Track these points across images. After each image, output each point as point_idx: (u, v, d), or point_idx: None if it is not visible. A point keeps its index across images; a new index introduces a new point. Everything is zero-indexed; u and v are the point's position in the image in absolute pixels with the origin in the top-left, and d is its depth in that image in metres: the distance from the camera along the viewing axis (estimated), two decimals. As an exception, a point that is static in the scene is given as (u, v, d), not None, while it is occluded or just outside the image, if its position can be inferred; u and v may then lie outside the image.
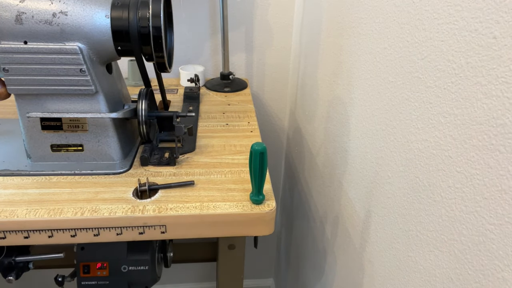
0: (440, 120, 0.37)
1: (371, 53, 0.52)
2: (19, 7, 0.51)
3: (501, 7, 0.28)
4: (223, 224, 0.54)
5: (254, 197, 0.54)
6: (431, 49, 0.38)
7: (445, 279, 0.37)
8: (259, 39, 1.02)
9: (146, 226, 0.52)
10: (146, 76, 0.63)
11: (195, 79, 0.87)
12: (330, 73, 0.71)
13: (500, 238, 0.30)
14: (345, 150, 0.64)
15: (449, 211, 0.36)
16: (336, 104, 0.68)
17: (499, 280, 0.30)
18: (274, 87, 1.11)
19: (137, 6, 0.54)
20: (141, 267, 0.62)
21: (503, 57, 0.28)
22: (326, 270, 0.78)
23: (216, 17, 0.98)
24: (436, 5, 0.37)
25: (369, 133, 0.54)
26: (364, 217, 0.57)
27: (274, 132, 1.20)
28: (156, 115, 0.65)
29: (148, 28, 0.54)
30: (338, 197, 0.69)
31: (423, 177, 0.40)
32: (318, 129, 0.81)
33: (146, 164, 0.62)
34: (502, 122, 0.29)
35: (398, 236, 0.46)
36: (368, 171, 0.55)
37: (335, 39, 0.67)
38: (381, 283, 0.52)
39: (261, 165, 0.49)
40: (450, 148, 0.35)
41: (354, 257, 0.61)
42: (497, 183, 0.30)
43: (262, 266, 1.53)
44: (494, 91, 0.30)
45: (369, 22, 0.52)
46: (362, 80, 0.55)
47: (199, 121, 0.79)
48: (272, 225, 0.55)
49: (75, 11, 0.52)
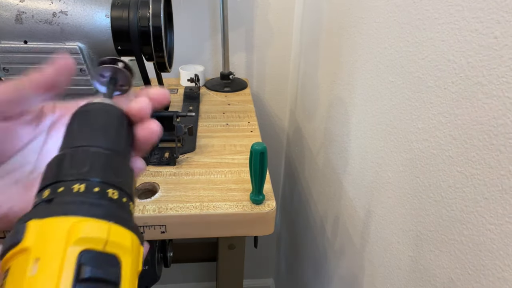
0: (440, 120, 0.37)
1: (371, 53, 0.52)
2: (19, 6, 0.51)
3: (502, 7, 0.28)
4: (223, 224, 0.54)
5: (254, 197, 0.54)
6: (432, 49, 0.38)
7: (446, 279, 0.37)
8: (259, 39, 1.02)
9: (146, 226, 0.52)
10: (146, 76, 0.63)
11: (195, 79, 0.87)
12: (330, 73, 0.71)
13: (500, 238, 0.30)
14: (345, 150, 0.64)
15: (449, 211, 0.36)
16: (336, 104, 0.68)
17: (500, 280, 0.30)
18: (274, 87, 1.11)
19: (137, 5, 0.54)
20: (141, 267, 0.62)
21: (504, 57, 0.28)
22: (326, 270, 0.78)
23: (216, 17, 0.98)
24: (437, 5, 0.37)
25: (369, 133, 0.54)
26: (364, 217, 0.57)
27: (274, 132, 1.20)
28: (156, 115, 0.65)
29: (148, 27, 0.54)
30: (338, 197, 0.69)
31: (423, 177, 0.40)
32: (318, 129, 0.81)
33: (146, 164, 0.62)
34: (503, 122, 0.29)
35: (398, 236, 0.46)
36: (368, 171, 0.55)
37: (335, 39, 0.67)
38: (381, 283, 0.52)
39: (261, 165, 0.49)
40: (450, 148, 0.35)
41: (354, 257, 0.61)
42: (497, 183, 0.30)
43: (262, 266, 1.53)
44: (494, 91, 0.30)
45: (369, 22, 0.52)
46: (362, 80, 0.55)
47: (199, 121, 0.78)
48: (272, 225, 0.55)
49: (75, 11, 0.52)
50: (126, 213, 0.20)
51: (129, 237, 0.18)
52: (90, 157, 0.20)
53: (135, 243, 0.19)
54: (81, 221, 0.17)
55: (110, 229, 0.18)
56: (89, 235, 0.17)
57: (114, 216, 0.18)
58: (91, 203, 0.18)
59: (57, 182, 0.19)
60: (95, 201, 0.19)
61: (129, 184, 0.21)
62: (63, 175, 0.19)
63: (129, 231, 0.19)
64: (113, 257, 0.17)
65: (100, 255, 0.17)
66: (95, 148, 0.21)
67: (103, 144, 0.21)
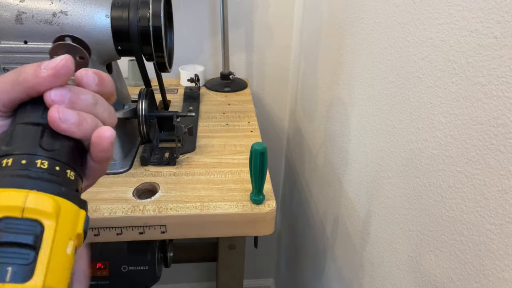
0: (440, 120, 0.37)
1: (371, 53, 0.52)
2: (19, 6, 0.51)
3: (501, 7, 0.28)
4: (223, 224, 0.54)
5: (254, 197, 0.54)
6: (432, 49, 0.38)
7: (446, 279, 0.37)
8: (259, 39, 1.02)
9: (146, 226, 0.52)
10: (146, 76, 0.63)
11: (195, 79, 0.87)
12: (330, 73, 0.71)
13: (500, 238, 0.30)
14: (345, 150, 0.64)
15: (449, 211, 0.36)
16: (336, 104, 0.68)
17: (500, 280, 0.30)
18: (274, 87, 1.11)
19: (137, 6, 0.54)
20: (141, 267, 0.62)
21: (504, 57, 0.28)
22: (326, 270, 0.78)
23: (216, 17, 0.98)
24: (437, 5, 0.37)
25: (369, 133, 0.54)
26: (364, 217, 0.57)
27: (274, 132, 1.20)
28: (156, 115, 0.65)
29: (148, 28, 0.54)
30: (338, 197, 0.69)
31: (423, 177, 0.40)
32: (318, 129, 0.81)
33: (146, 164, 0.62)
34: (503, 122, 0.29)
35: (398, 236, 0.46)
36: (368, 171, 0.55)
37: (335, 39, 0.67)
38: (381, 283, 0.52)
39: (261, 165, 0.49)
40: (450, 148, 0.35)
41: (354, 257, 0.61)
42: (497, 183, 0.30)
43: (262, 266, 1.53)
44: (494, 91, 0.30)
45: (369, 22, 0.52)
46: (362, 80, 0.55)
47: (199, 121, 0.78)
48: (272, 225, 0.55)
49: (75, 11, 0.52)
50: (59, 180, 0.21)
51: (51, 202, 0.20)
52: (21, 133, 0.22)
53: (64, 207, 0.20)
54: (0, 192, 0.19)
55: (27, 197, 0.19)
56: (4, 204, 0.19)
57: (36, 184, 0.20)
58: (16, 175, 0.20)
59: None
60: (20, 172, 0.20)
61: (65, 153, 0.22)
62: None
63: (52, 196, 0.20)
64: (34, 222, 0.19)
65: (17, 221, 0.18)
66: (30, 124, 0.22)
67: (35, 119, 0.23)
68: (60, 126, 0.22)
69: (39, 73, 0.22)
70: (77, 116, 0.23)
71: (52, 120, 0.22)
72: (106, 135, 0.24)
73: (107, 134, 0.24)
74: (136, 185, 0.57)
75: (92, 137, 0.24)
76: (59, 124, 0.22)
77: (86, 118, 0.23)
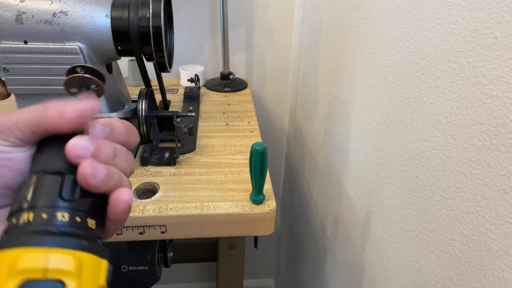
0: (440, 120, 0.37)
1: (371, 53, 0.52)
2: (19, 7, 0.51)
3: (501, 7, 0.28)
4: (223, 224, 0.54)
5: (254, 197, 0.54)
6: (432, 49, 0.38)
7: (446, 279, 0.37)
8: (259, 39, 1.02)
9: (146, 226, 0.52)
10: (146, 76, 0.63)
11: (195, 79, 0.87)
12: (330, 73, 0.71)
13: (500, 238, 0.30)
14: (345, 150, 0.64)
15: (449, 211, 0.36)
16: (336, 104, 0.68)
17: (500, 280, 0.30)
18: (274, 87, 1.11)
19: (137, 6, 0.54)
20: (141, 267, 0.62)
21: (504, 57, 0.28)
22: (326, 270, 0.78)
23: (216, 17, 0.98)
24: (437, 5, 0.37)
25: (369, 133, 0.54)
26: (364, 217, 0.57)
27: (274, 132, 1.20)
28: (156, 115, 0.65)
29: (149, 28, 0.54)
30: (338, 197, 0.69)
31: (423, 177, 0.40)
32: (318, 129, 0.81)
33: (146, 164, 0.62)
34: (503, 122, 0.29)
35: (398, 236, 0.46)
36: (368, 171, 0.55)
37: (335, 39, 0.67)
38: (381, 283, 0.52)
39: (261, 165, 0.49)
40: (450, 148, 0.35)
41: (354, 257, 0.61)
42: (497, 183, 0.30)
43: (262, 266, 1.53)
44: (494, 91, 0.30)
45: (369, 22, 0.52)
46: (362, 80, 0.55)
47: (199, 121, 0.78)
48: (272, 225, 0.55)
49: (75, 11, 0.52)
50: (80, 232, 0.21)
51: (72, 260, 0.19)
52: (40, 184, 0.21)
53: (86, 262, 0.20)
54: (21, 253, 0.18)
55: (49, 257, 0.19)
56: (26, 266, 0.18)
57: (56, 241, 0.19)
58: (36, 231, 0.20)
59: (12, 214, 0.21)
60: (41, 228, 0.20)
61: (84, 201, 0.22)
62: (19, 203, 0.21)
63: (73, 253, 0.19)
64: (57, 282, 0.18)
65: (41, 283, 0.18)
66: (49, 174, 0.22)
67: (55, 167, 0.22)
68: (90, 182, 0.21)
69: (63, 113, 0.22)
70: (106, 171, 0.22)
71: (83, 175, 0.21)
72: (124, 199, 0.23)
73: (125, 198, 0.23)
74: (136, 185, 0.57)
75: (109, 199, 0.23)
76: (89, 180, 0.21)
77: (112, 173, 0.23)
